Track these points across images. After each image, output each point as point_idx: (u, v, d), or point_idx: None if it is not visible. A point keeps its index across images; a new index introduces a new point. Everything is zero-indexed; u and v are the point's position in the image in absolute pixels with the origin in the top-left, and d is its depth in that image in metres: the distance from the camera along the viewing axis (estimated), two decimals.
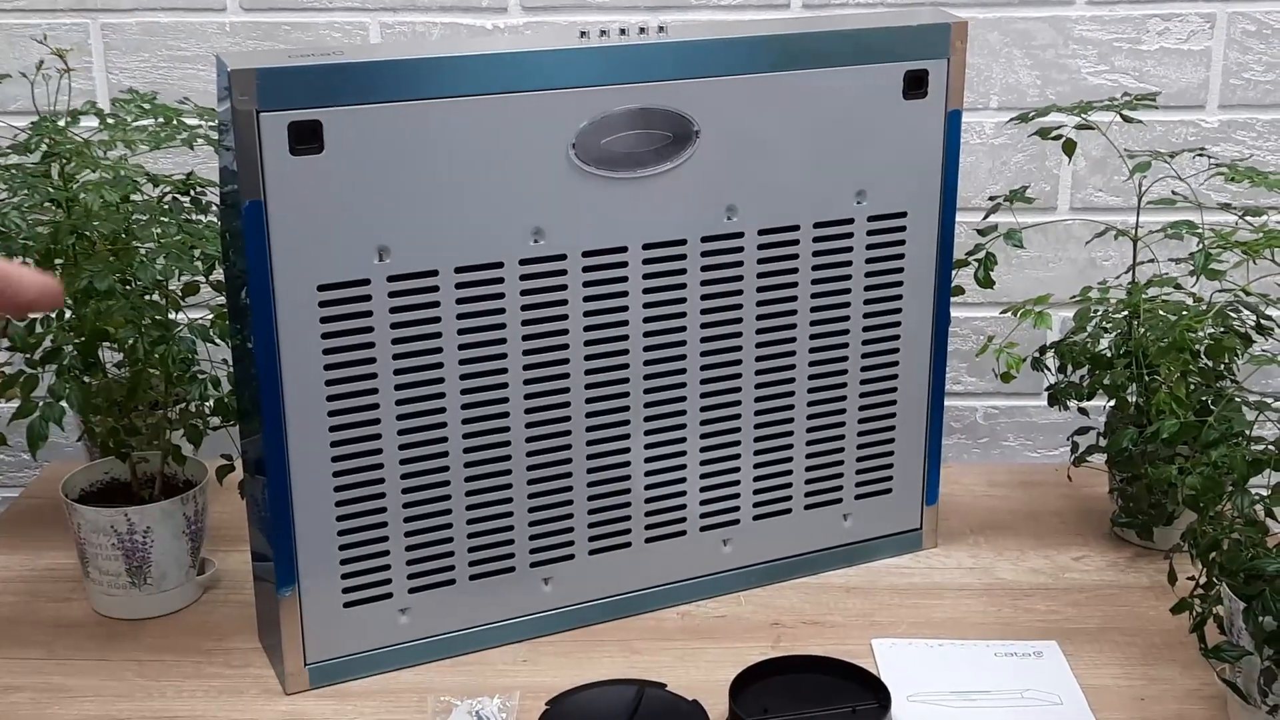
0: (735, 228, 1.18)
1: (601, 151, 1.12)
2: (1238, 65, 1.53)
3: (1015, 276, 1.57)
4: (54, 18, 1.52)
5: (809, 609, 1.25)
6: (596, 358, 1.16)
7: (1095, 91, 1.53)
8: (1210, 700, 1.11)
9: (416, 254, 1.08)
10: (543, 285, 1.13)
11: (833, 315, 1.24)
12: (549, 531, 1.19)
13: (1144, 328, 1.26)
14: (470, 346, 1.12)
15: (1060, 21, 1.53)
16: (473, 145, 1.08)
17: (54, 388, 1.18)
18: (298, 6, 1.52)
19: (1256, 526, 1.06)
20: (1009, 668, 1.17)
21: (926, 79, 1.21)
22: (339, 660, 1.15)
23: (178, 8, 1.52)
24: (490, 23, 1.53)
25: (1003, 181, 1.56)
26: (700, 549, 1.25)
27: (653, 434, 1.20)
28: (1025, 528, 1.38)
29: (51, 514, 1.36)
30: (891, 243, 1.24)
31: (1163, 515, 1.29)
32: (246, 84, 1.00)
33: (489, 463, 1.15)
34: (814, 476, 1.28)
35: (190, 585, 1.27)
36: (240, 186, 1.03)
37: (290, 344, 1.07)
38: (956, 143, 1.24)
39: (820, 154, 1.19)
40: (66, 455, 1.52)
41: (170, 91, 1.47)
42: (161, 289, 1.21)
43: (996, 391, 1.62)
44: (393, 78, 1.04)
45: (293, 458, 1.09)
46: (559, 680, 1.13)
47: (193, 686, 1.15)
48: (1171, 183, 1.30)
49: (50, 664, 1.18)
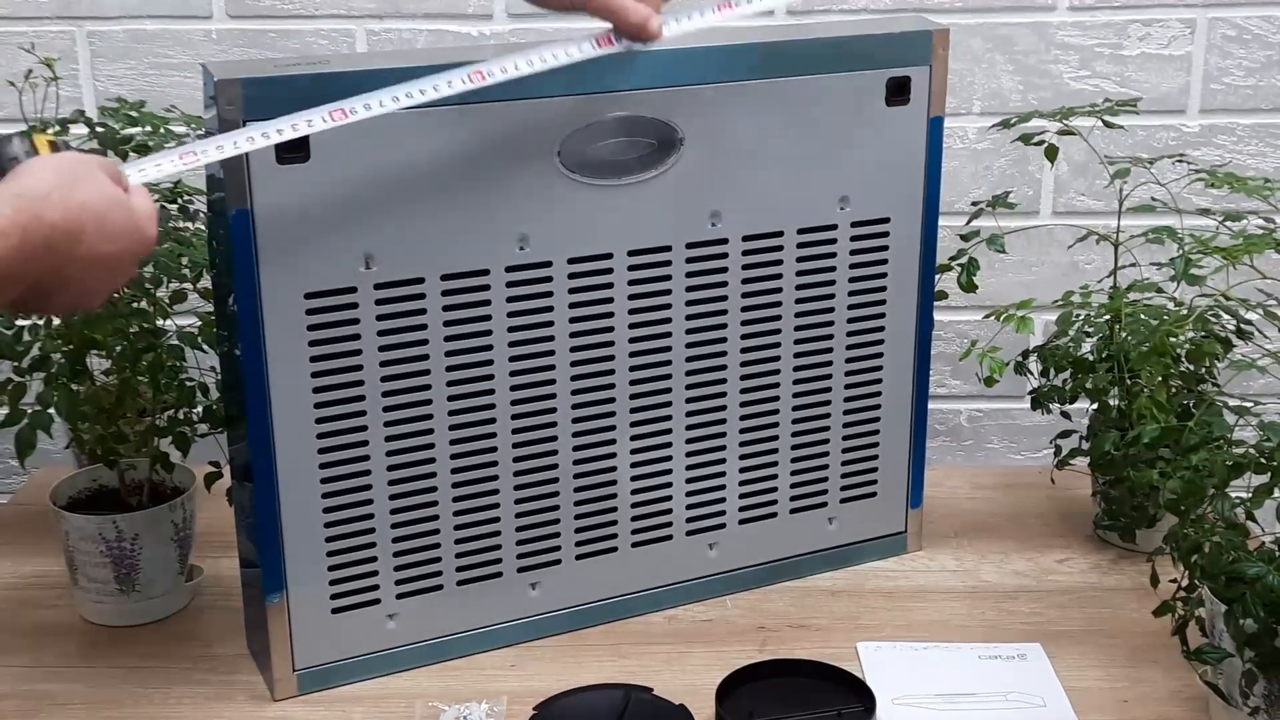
0: (720, 234, 1.19)
1: (587, 159, 1.13)
2: (1218, 70, 1.54)
3: (998, 281, 1.57)
4: (40, 25, 1.52)
5: (795, 612, 1.26)
6: (582, 364, 1.17)
7: (1077, 97, 1.54)
8: (1192, 702, 1.12)
9: (403, 262, 1.09)
10: (529, 292, 1.13)
11: (817, 320, 1.24)
12: (536, 537, 1.20)
13: (1125, 332, 1.27)
14: (457, 353, 1.12)
15: (1042, 27, 1.54)
16: (458, 153, 1.09)
17: (42, 395, 1.19)
18: (284, 14, 1.52)
19: (1237, 529, 1.07)
20: (993, 670, 1.17)
21: (909, 85, 1.21)
22: (327, 666, 1.15)
23: (164, 15, 1.53)
24: (476, 30, 1.54)
25: (985, 186, 1.57)
26: (686, 553, 1.26)
27: (639, 439, 1.21)
28: (1009, 530, 1.39)
29: (39, 521, 1.36)
30: (875, 248, 1.25)
31: (1145, 518, 1.30)
32: (232, 94, 1.01)
33: (476, 469, 1.16)
34: (799, 480, 1.28)
35: (178, 592, 1.27)
36: (227, 195, 1.03)
37: (277, 351, 1.07)
38: (939, 148, 1.24)
39: (804, 160, 1.20)
40: (54, 462, 1.52)
41: (157, 99, 1.47)
42: (149, 297, 1.21)
43: (980, 395, 1.63)
44: (378, 86, 1.04)
45: (280, 464, 1.09)
46: (546, 685, 1.14)
47: (181, 693, 1.15)
48: (1152, 188, 1.31)
49: (38, 671, 1.19)
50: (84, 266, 0.85)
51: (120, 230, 0.86)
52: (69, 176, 0.85)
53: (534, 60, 1.05)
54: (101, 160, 0.89)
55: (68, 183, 0.84)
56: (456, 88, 1.03)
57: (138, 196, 0.90)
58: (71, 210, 0.83)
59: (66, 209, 0.83)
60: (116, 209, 0.86)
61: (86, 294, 0.88)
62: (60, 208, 0.83)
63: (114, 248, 0.86)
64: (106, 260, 0.86)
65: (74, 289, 0.87)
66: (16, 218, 0.81)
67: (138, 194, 0.90)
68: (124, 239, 0.87)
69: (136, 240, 0.88)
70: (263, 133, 0.98)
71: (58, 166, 0.85)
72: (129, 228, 0.87)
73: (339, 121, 0.99)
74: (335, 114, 0.99)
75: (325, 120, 0.99)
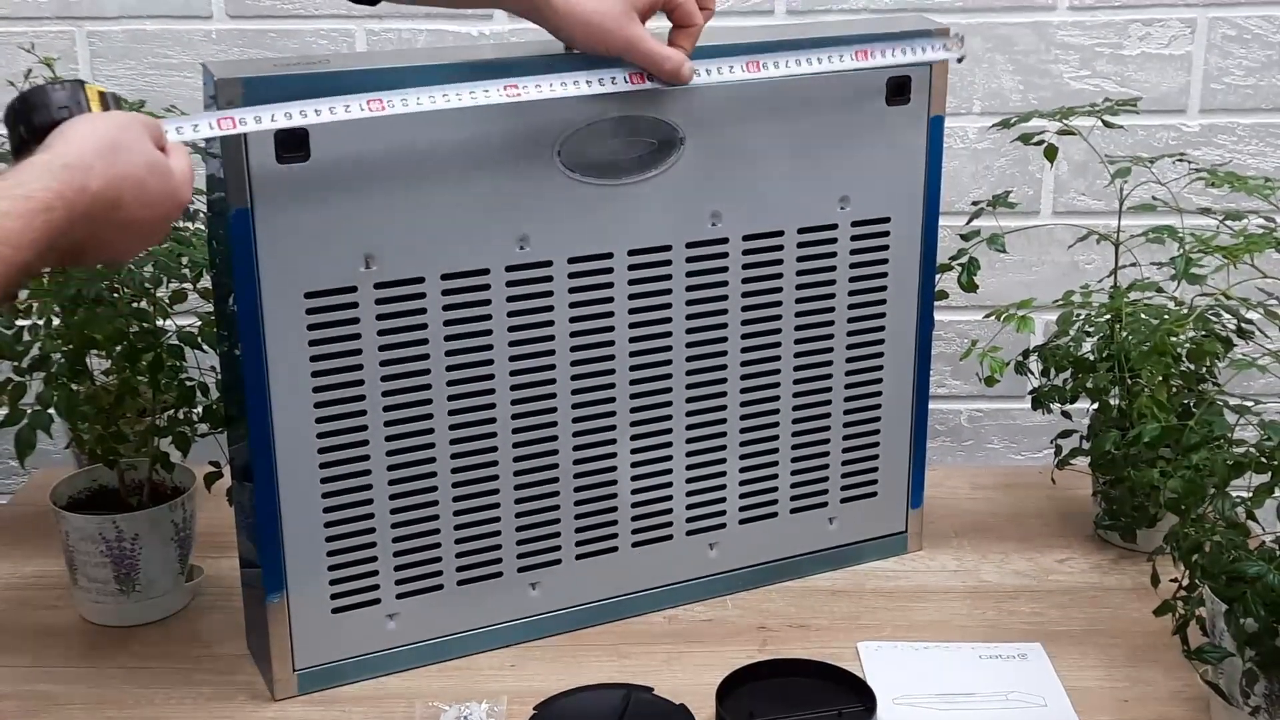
0: (720, 234, 1.19)
1: (587, 159, 1.13)
2: (1218, 70, 1.55)
3: (998, 280, 1.58)
4: (40, 25, 1.53)
5: (795, 612, 1.26)
6: (583, 363, 1.17)
7: (1077, 96, 1.54)
8: (1193, 701, 1.12)
9: (403, 261, 1.09)
10: (529, 292, 1.13)
11: (817, 320, 1.24)
12: (536, 537, 1.20)
13: (1126, 331, 1.27)
14: (457, 353, 1.12)
15: (1042, 27, 1.54)
16: (459, 152, 1.09)
17: (42, 395, 1.19)
18: (283, 14, 1.52)
19: (1238, 529, 1.07)
20: (993, 670, 1.17)
21: (909, 85, 1.21)
22: (327, 666, 1.15)
23: (163, 15, 1.53)
24: (476, 30, 1.54)
25: (985, 186, 1.57)
26: (687, 553, 1.26)
27: (639, 439, 1.21)
28: (1009, 530, 1.39)
29: (39, 521, 1.36)
30: (875, 248, 1.25)
31: (1145, 518, 1.30)
32: (233, 92, 1.01)
33: (476, 468, 1.16)
34: (799, 480, 1.28)
35: (178, 592, 1.27)
36: (227, 194, 1.03)
37: (277, 351, 1.07)
38: (939, 148, 1.25)
39: (804, 160, 1.20)
40: (54, 462, 1.52)
41: (157, 99, 1.47)
42: (149, 296, 1.21)
43: (981, 395, 1.63)
44: (378, 86, 1.04)
45: (280, 464, 1.09)
46: (546, 685, 1.14)
47: (181, 693, 1.15)
48: (1153, 187, 1.31)
49: (38, 672, 1.19)
50: (119, 229, 0.88)
51: (157, 196, 0.90)
52: (111, 143, 0.87)
53: (567, 84, 1.07)
54: (146, 120, 0.92)
55: (109, 150, 0.87)
56: (494, 99, 1.05)
57: (176, 156, 0.93)
58: (113, 179, 0.86)
59: (108, 178, 0.86)
60: (154, 175, 0.89)
61: (119, 253, 0.92)
62: (103, 176, 0.86)
63: (150, 213, 0.90)
64: (142, 224, 0.90)
65: (106, 250, 0.90)
66: (63, 190, 0.84)
67: (176, 153, 0.93)
68: (160, 204, 0.90)
69: (172, 204, 0.91)
70: (300, 110, 1.00)
71: (103, 133, 0.88)
72: (165, 192, 0.90)
73: (375, 112, 1.01)
74: (373, 104, 1.01)
75: (363, 109, 1.01)
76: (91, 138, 0.87)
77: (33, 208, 0.81)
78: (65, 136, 0.88)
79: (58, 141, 0.87)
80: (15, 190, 0.82)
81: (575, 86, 1.07)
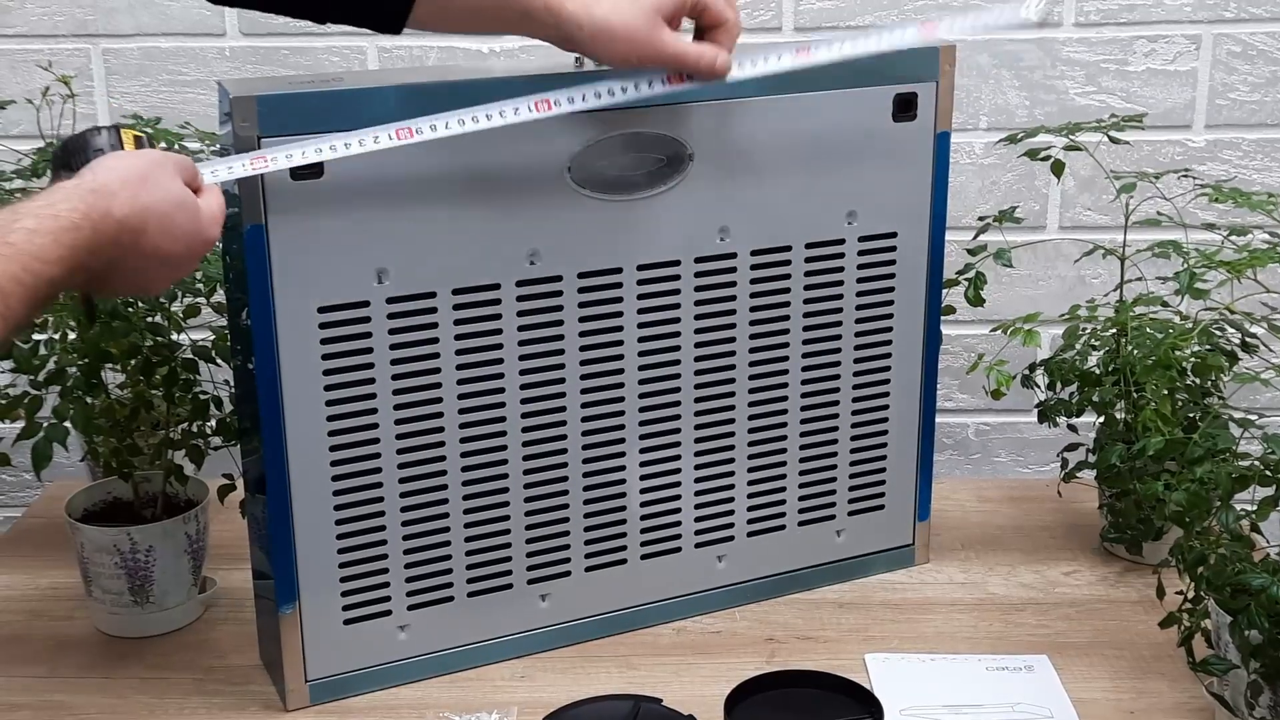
0: (728, 249, 1.20)
1: (597, 174, 1.14)
2: (1223, 85, 1.55)
3: (1005, 295, 1.58)
4: (56, 43, 1.54)
5: (803, 624, 1.27)
6: (592, 377, 1.18)
7: (1083, 112, 1.54)
8: (1198, 713, 1.13)
9: (415, 276, 1.10)
10: (539, 306, 1.14)
11: (825, 334, 1.25)
12: (546, 549, 1.21)
13: (1131, 345, 1.28)
14: (468, 367, 1.13)
15: (1048, 43, 1.55)
16: (470, 169, 1.10)
17: (58, 409, 1.20)
18: (296, 31, 1.54)
19: (1242, 541, 1.07)
20: (1000, 682, 1.18)
21: (916, 101, 1.22)
22: (339, 677, 1.16)
23: (178, 33, 1.54)
24: (487, 47, 1.55)
25: (992, 201, 1.58)
26: (695, 565, 1.27)
27: (648, 452, 1.22)
28: (1016, 543, 1.40)
29: (54, 533, 1.37)
30: (882, 263, 1.26)
31: (1151, 530, 1.30)
32: (248, 110, 1.02)
33: (487, 481, 1.17)
34: (807, 493, 1.29)
35: (192, 603, 1.28)
36: (242, 210, 1.04)
37: (291, 365, 1.08)
38: (945, 164, 1.25)
39: (811, 176, 1.21)
40: (69, 475, 1.53)
41: (172, 115, 1.48)
42: (164, 311, 1.23)
43: (988, 408, 1.63)
44: (391, 103, 1.05)
45: (293, 477, 1.10)
46: (556, 696, 1.14)
47: (194, 704, 1.16)
48: (1158, 203, 1.32)
49: (53, 682, 1.20)
50: (144, 258, 0.91)
51: (183, 231, 0.93)
52: (139, 175, 0.91)
53: (601, 92, 1.07)
54: (179, 160, 0.95)
55: (136, 181, 0.90)
56: (523, 115, 1.05)
57: (208, 196, 0.96)
58: (138, 209, 0.90)
59: (133, 206, 0.89)
60: (181, 211, 0.93)
61: (145, 284, 0.95)
62: (128, 204, 0.89)
63: (176, 246, 0.92)
64: (167, 256, 0.92)
65: (134, 279, 0.93)
66: (90, 212, 0.87)
67: (209, 194, 0.97)
68: (186, 239, 0.93)
69: (199, 241, 0.94)
70: (330, 145, 1.01)
71: (131, 165, 0.92)
72: (192, 229, 0.93)
73: (404, 140, 1.02)
74: (401, 132, 1.02)
75: (391, 138, 1.02)
76: (119, 169, 0.91)
77: (60, 225, 0.84)
78: (95, 168, 0.91)
79: (88, 171, 0.91)
80: (44, 210, 0.85)
81: (610, 96, 1.07)
